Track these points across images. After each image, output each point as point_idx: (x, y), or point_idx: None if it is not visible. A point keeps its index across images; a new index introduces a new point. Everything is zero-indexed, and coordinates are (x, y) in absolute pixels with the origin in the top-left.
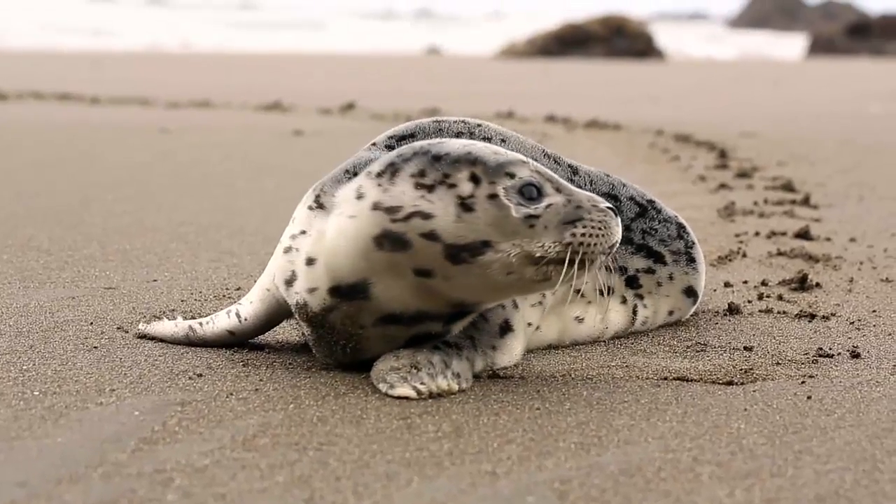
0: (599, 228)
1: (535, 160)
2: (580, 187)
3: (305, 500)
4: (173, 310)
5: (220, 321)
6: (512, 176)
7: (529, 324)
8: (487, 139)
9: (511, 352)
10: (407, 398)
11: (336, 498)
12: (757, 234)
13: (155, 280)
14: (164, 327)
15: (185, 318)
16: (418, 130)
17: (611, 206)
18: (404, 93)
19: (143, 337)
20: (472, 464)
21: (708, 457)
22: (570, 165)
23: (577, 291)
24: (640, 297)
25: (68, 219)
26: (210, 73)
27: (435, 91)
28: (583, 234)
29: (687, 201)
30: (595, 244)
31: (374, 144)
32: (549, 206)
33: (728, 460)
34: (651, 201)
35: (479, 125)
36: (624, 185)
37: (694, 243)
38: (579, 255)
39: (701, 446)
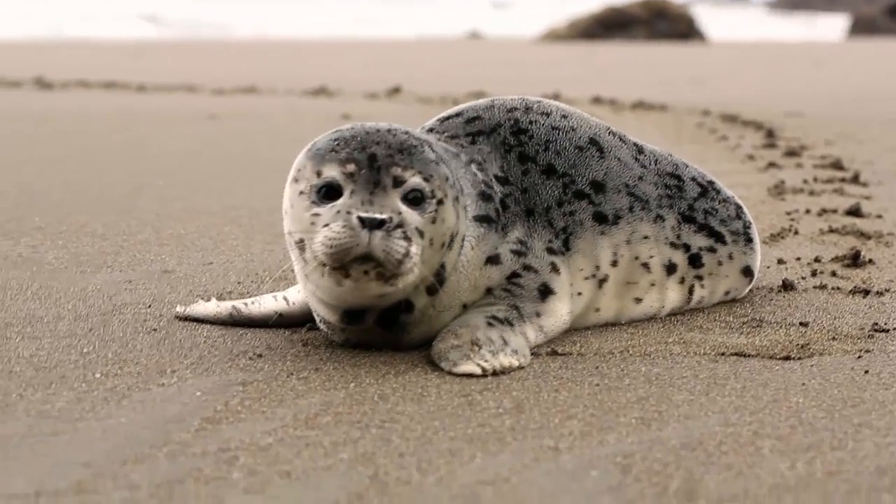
0: (332, 236)
1: (598, 137)
2: (644, 167)
3: (370, 476)
4: (230, 292)
5: (266, 303)
6: (319, 174)
7: (580, 293)
8: (546, 114)
9: (556, 314)
10: (470, 375)
11: (400, 474)
12: (808, 211)
13: (211, 263)
14: (206, 308)
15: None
16: (466, 109)
17: (367, 216)
18: (449, 77)
19: (186, 319)
20: (534, 439)
21: (768, 430)
22: (635, 144)
23: (644, 266)
24: (699, 277)
25: (121, 205)
26: (253, 59)
27: (480, 75)
28: (320, 240)
29: (737, 180)
30: (322, 251)
31: (429, 130)
32: (331, 207)
33: (788, 434)
34: (711, 182)
35: (538, 101)
36: (686, 166)
37: (751, 223)
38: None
39: (761, 420)
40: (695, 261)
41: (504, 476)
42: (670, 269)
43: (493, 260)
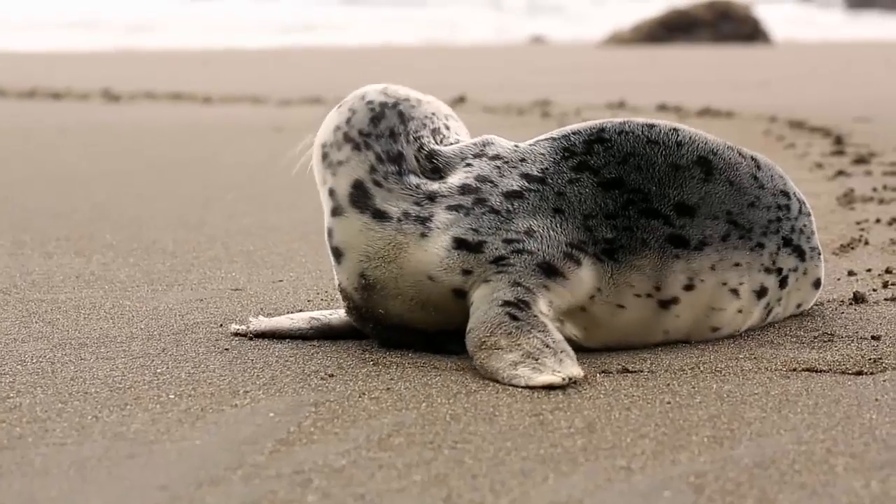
0: None
1: (711, 157)
2: (761, 187)
3: (443, 498)
4: (300, 310)
5: (343, 313)
6: None
7: (621, 306)
8: (650, 126)
9: (564, 297)
10: (550, 386)
11: (474, 496)
12: (878, 221)
13: (280, 280)
14: (278, 322)
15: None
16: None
17: None
18: (514, 84)
19: (263, 335)
20: (606, 459)
21: (841, 448)
22: (752, 157)
23: (733, 291)
24: (780, 298)
25: (190, 220)
26: (317, 69)
27: (544, 82)
28: None
29: (805, 189)
30: None
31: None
32: None
33: (862, 451)
34: (796, 192)
35: (651, 121)
36: (787, 179)
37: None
38: None
39: (834, 438)
40: (783, 283)
41: (577, 497)
42: (761, 293)
43: (465, 244)
